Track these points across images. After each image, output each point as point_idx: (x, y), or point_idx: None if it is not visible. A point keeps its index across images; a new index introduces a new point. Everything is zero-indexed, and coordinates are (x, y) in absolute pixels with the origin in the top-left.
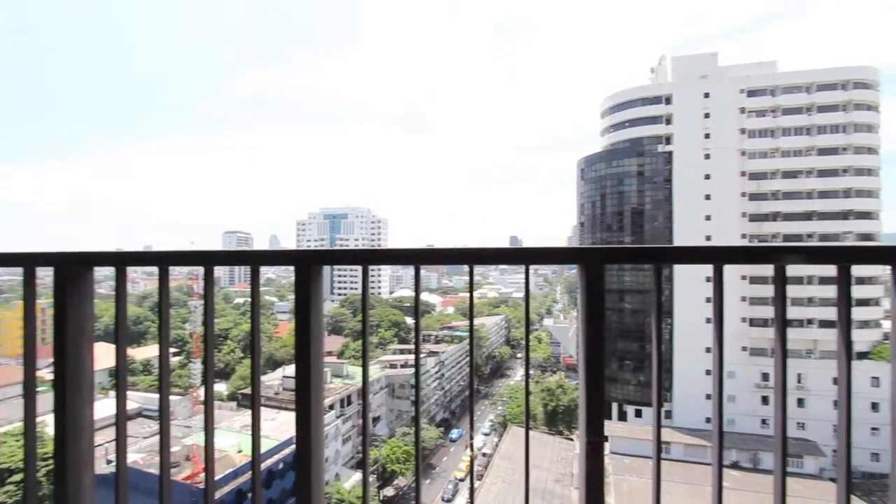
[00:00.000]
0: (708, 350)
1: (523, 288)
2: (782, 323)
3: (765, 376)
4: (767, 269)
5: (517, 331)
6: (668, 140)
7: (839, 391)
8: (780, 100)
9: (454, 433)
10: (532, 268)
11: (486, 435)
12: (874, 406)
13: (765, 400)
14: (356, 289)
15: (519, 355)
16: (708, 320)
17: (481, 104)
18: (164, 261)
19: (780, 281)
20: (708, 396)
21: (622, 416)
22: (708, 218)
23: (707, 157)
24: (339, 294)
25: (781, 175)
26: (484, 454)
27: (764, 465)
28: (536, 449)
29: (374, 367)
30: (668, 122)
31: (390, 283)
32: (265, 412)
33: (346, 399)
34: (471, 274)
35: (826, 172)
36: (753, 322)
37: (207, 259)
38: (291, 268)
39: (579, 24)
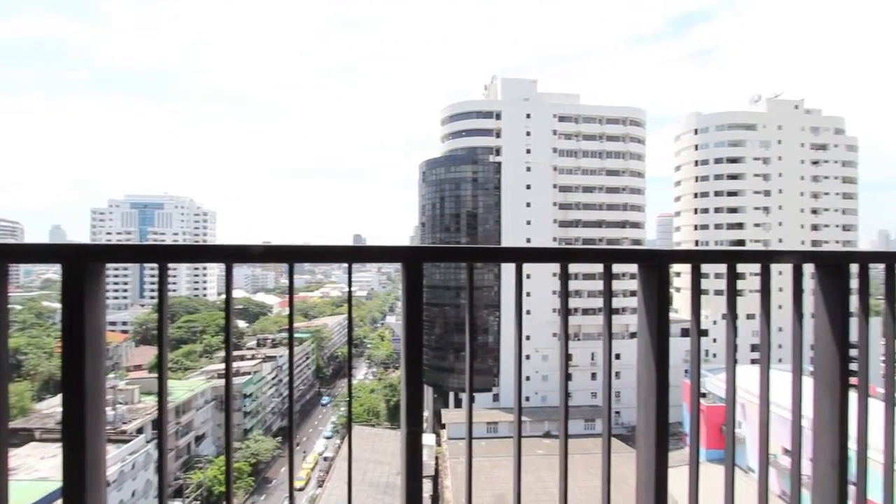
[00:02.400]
0: (528, 338)
1: (367, 287)
2: (566, 312)
3: (570, 357)
4: (574, 267)
5: (360, 329)
6: (498, 152)
7: (604, 366)
8: (581, 127)
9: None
10: (375, 266)
11: (327, 438)
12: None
13: (570, 377)
14: (175, 290)
15: (363, 354)
16: (528, 312)
17: (323, 98)
18: None
19: (565, 277)
20: (528, 378)
21: (458, 404)
22: (529, 223)
23: (528, 169)
24: (153, 297)
25: (582, 189)
26: (325, 458)
27: (572, 430)
28: (380, 445)
29: (198, 378)
30: (498, 135)
31: (218, 283)
32: (44, 448)
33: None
34: (349, 274)
35: (612, 189)
36: (559, 312)
37: None
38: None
39: (423, 33)
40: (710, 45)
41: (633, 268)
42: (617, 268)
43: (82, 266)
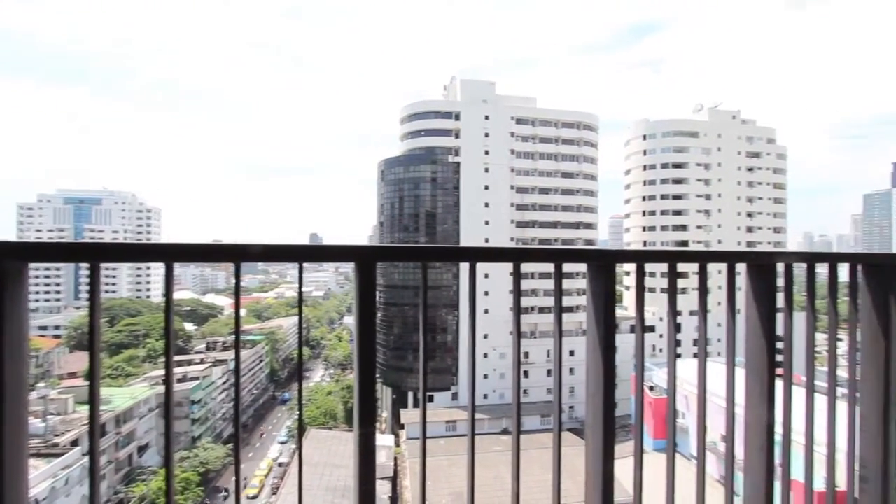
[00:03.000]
0: (486, 336)
1: (324, 287)
2: (518, 311)
3: (526, 355)
4: (530, 267)
5: (317, 331)
6: (457, 152)
7: (555, 362)
8: (538, 130)
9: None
10: (333, 265)
11: (282, 443)
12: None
13: (526, 374)
14: (115, 291)
15: (320, 355)
16: (486, 311)
17: (277, 93)
18: None
19: (517, 276)
20: (486, 376)
21: (417, 404)
22: (487, 223)
23: (487, 170)
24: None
25: (538, 191)
26: (280, 464)
27: (526, 426)
28: (338, 448)
29: (141, 384)
30: (457, 135)
31: (163, 284)
32: None
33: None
34: (299, 273)
35: (567, 191)
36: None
37: None
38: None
39: (381, 30)
40: (659, 56)
41: (585, 267)
42: (572, 267)
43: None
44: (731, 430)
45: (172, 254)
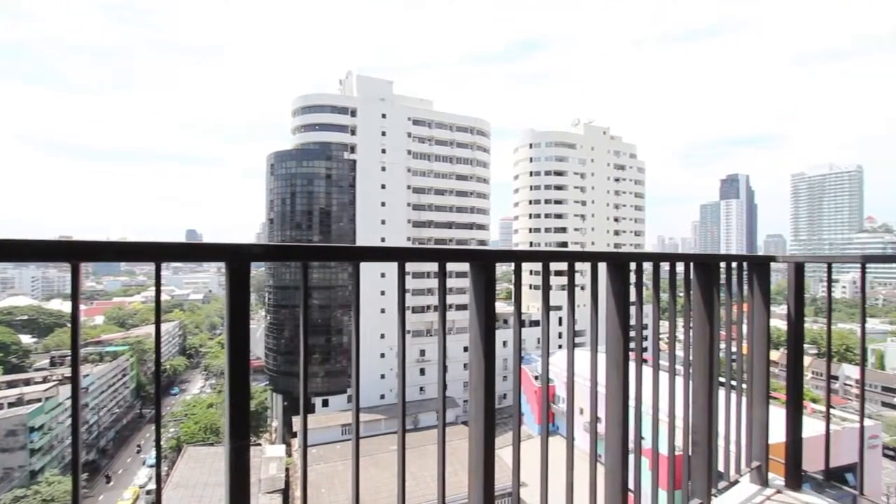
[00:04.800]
0: (382, 336)
1: (203, 289)
2: (403, 309)
3: (422, 352)
4: (422, 266)
5: (195, 337)
6: (353, 149)
7: (439, 359)
8: (434, 132)
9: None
10: (216, 265)
11: (151, 467)
12: (504, 363)
13: (422, 372)
14: None
15: (199, 364)
16: (383, 310)
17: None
18: None
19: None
20: (382, 376)
21: (310, 409)
22: (384, 222)
23: (384, 169)
24: None
25: (434, 192)
26: (148, 492)
27: (422, 423)
28: (220, 465)
29: None
30: (353, 132)
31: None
32: None
33: None
34: (156, 274)
35: (461, 193)
36: (415, 310)
37: None
38: None
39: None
40: (543, 71)
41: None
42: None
43: None
44: (595, 410)
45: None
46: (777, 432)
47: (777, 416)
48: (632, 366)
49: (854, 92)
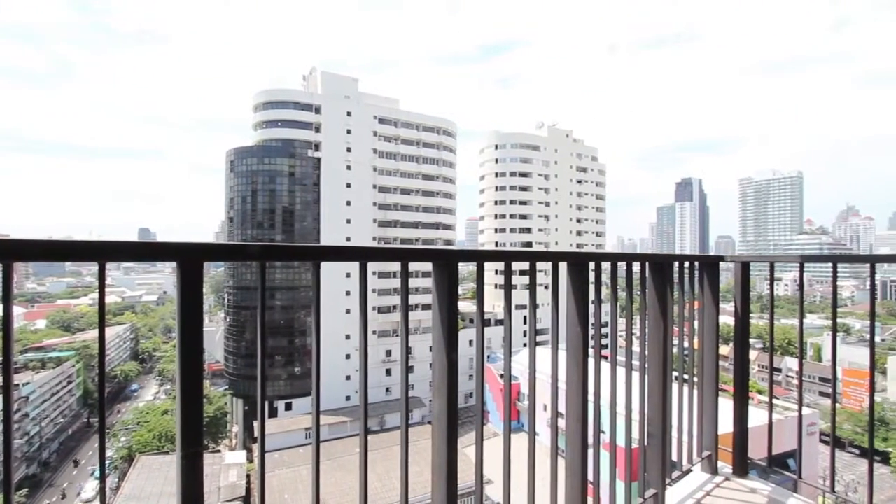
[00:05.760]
0: (348, 337)
1: (157, 290)
2: (364, 309)
3: (388, 353)
4: (388, 266)
5: (149, 341)
6: (317, 147)
7: (401, 357)
8: (400, 131)
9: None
10: (170, 265)
11: (98, 479)
12: (470, 362)
13: (388, 372)
14: None
15: (153, 370)
16: (348, 311)
17: (102, 65)
18: None
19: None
20: (348, 378)
21: (273, 413)
22: (349, 221)
23: (349, 167)
24: None
25: (400, 191)
26: None
27: (389, 424)
28: (172, 474)
29: None
30: (318, 130)
31: None
32: None
33: None
34: (100, 275)
35: (428, 193)
36: (381, 310)
37: None
38: None
39: (236, 10)
40: (508, 74)
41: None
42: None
43: None
44: (556, 406)
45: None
46: (726, 423)
47: (727, 408)
48: (591, 362)
49: (797, 103)
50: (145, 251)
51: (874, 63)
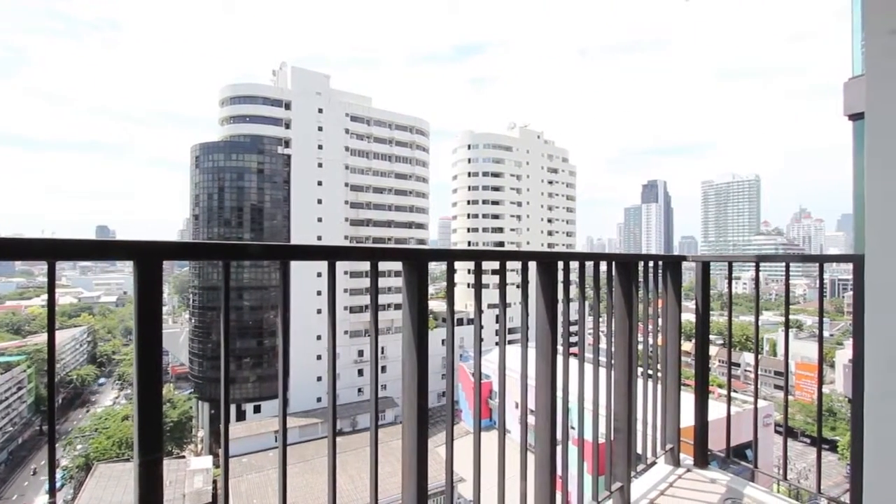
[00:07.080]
0: (319, 337)
1: (116, 290)
2: (333, 309)
3: (360, 353)
4: (360, 265)
5: (108, 344)
6: (287, 144)
7: (371, 357)
8: (373, 129)
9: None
10: (129, 264)
11: (47, 492)
12: (442, 361)
13: (360, 373)
14: None
15: (112, 373)
16: (319, 311)
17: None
18: None
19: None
20: (319, 379)
21: (241, 416)
22: (320, 220)
23: (320, 165)
24: None
25: (373, 190)
26: None
27: (361, 425)
28: (132, 483)
29: None
30: (288, 126)
31: None
32: None
33: None
34: (49, 275)
35: (400, 192)
36: (352, 310)
37: None
38: None
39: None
40: (484, 75)
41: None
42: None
43: None
44: (525, 403)
45: None
46: (688, 416)
47: (688, 402)
48: (559, 359)
49: (756, 110)
50: (99, 250)
51: (824, 77)
